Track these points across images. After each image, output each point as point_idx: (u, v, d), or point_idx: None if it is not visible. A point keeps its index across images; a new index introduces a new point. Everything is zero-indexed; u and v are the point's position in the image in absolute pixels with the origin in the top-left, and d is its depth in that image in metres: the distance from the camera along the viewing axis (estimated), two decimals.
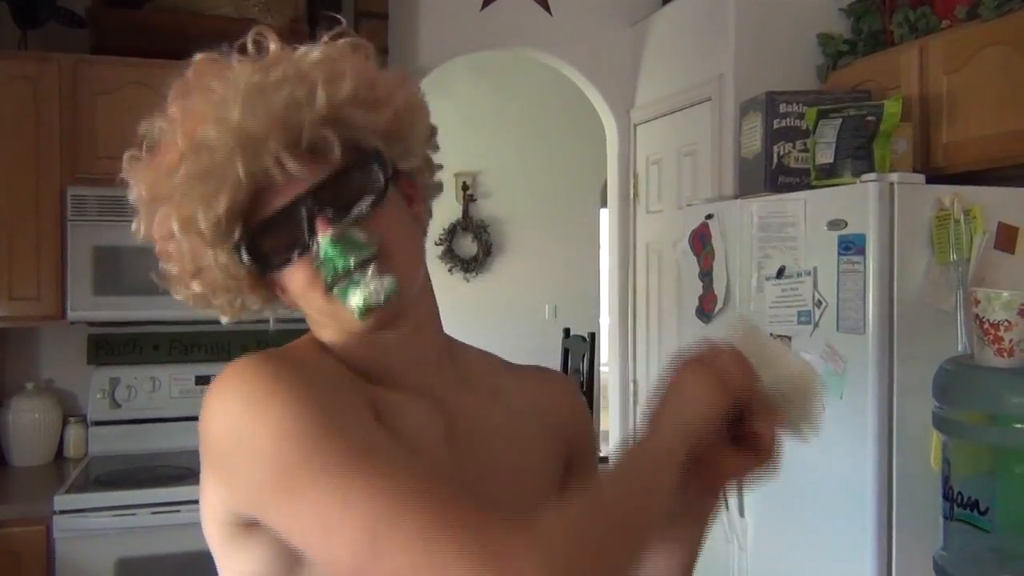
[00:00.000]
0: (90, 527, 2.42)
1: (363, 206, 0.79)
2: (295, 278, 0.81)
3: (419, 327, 0.87)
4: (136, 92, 2.71)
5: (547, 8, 3.46)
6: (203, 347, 3.09)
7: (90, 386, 2.93)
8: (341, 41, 0.82)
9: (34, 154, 2.64)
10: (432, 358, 0.89)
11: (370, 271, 0.78)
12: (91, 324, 2.90)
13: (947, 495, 1.75)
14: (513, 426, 0.92)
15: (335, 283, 0.79)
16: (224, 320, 0.88)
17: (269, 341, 3.11)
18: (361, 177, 0.80)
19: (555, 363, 6.00)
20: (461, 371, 0.93)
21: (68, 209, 2.63)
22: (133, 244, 2.94)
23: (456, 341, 0.96)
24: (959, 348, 2.04)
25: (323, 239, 0.77)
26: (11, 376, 2.93)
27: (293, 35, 2.93)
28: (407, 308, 0.83)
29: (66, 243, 2.64)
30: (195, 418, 2.80)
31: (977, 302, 1.72)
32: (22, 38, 2.81)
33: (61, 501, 2.42)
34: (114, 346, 3.00)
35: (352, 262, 0.78)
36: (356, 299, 0.78)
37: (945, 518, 1.76)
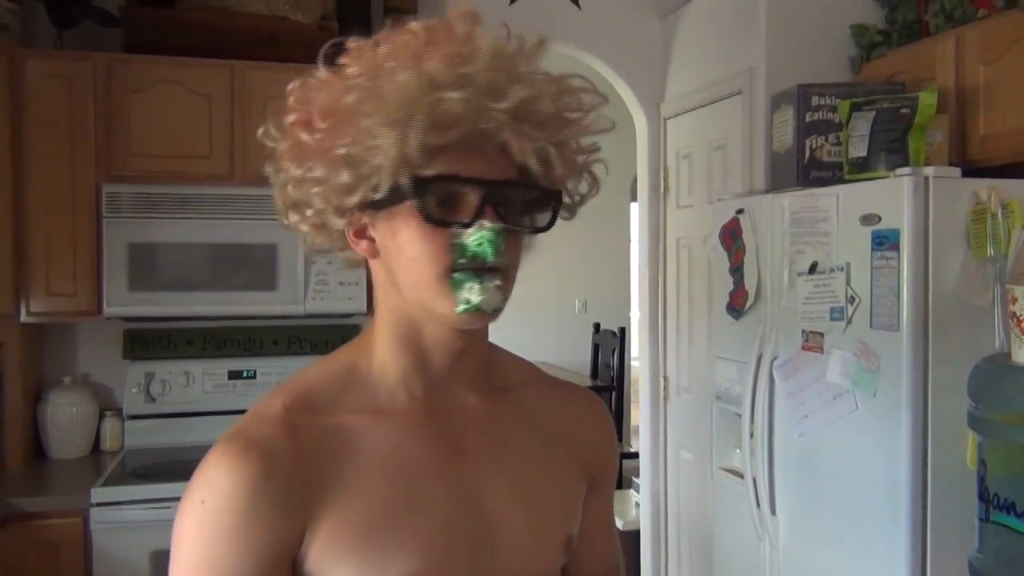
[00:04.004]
0: (126, 519, 2.46)
1: (531, 226, 0.84)
2: (413, 238, 0.80)
3: (474, 341, 0.89)
4: (169, 90, 2.75)
5: (576, 2, 3.44)
6: (235, 342, 3.13)
7: (126, 380, 2.98)
8: (585, 84, 0.87)
9: (70, 152, 2.68)
10: (469, 371, 0.91)
11: (495, 281, 0.81)
12: (126, 319, 2.95)
13: (983, 496, 1.72)
14: (537, 442, 0.93)
15: (460, 269, 0.80)
16: (295, 226, 0.89)
17: (300, 337, 3.15)
18: (542, 201, 0.85)
19: (585, 358, 6.00)
20: (495, 380, 0.95)
21: (103, 206, 2.68)
22: (167, 241, 2.99)
23: (495, 347, 0.97)
24: (996, 345, 2.00)
25: (485, 227, 0.79)
26: (49, 370, 2.98)
27: (323, 32, 2.95)
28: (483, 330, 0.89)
29: (102, 240, 2.69)
30: (229, 412, 2.85)
31: (1015, 300, 1.69)
32: (58, 37, 2.86)
33: (98, 493, 2.46)
34: (149, 341, 3.05)
35: (488, 263, 0.80)
36: (469, 294, 0.80)
37: (981, 520, 1.73)
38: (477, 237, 0.79)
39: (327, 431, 0.83)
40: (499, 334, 0.98)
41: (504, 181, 0.81)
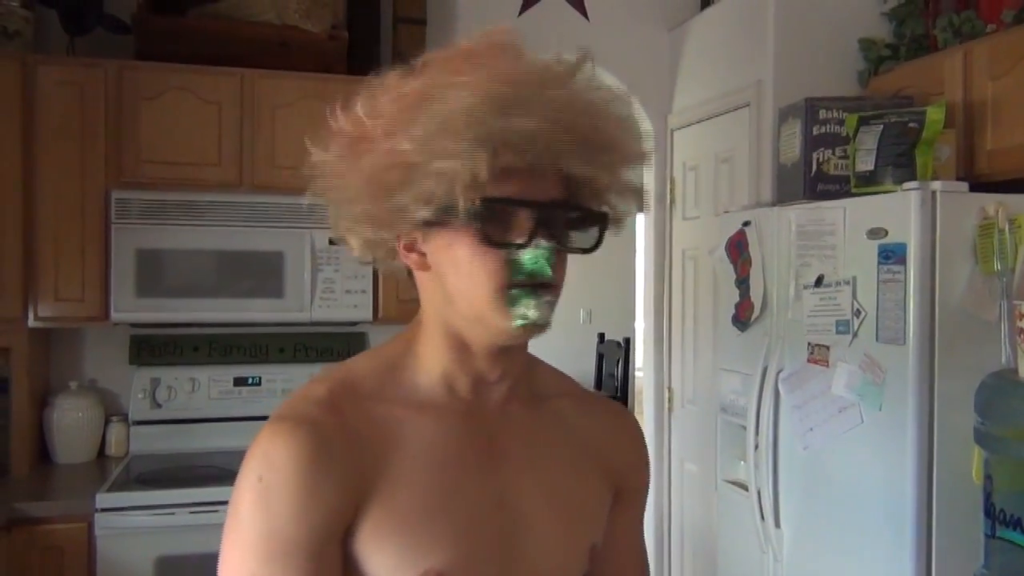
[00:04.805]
0: (131, 525, 2.46)
1: (581, 245, 0.86)
2: (469, 256, 0.82)
3: (514, 349, 0.91)
4: (179, 97, 2.77)
5: (584, 13, 3.45)
6: (241, 349, 3.13)
7: (132, 386, 2.99)
8: (628, 106, 0.88)
9: (80, 158, 2.70)
10: (511, 377, 0.92)
11: (547, 296, 0.83)
12: (133, 325, 2.96)
13: (989, 512, 1.72)
14: (570, 451, 0.96)
15: (515, 286, 0.82)
16: (355, 251, 0.91)
17: (306, 344, 3.16)
18: (589, 221, 0.86)
19: (589, 367, 5.98)
20: (535, 388, 0.97)
21: (112, 212, 2.69)
22: (175, 247, 3.01)
23: (534, 358, 1.00)
24: (1003, 360, 2.00)
25: (539, 245, 0.81)
26: (56, 375, 2.99)
27: (332, 42, 2.95)
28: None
29: (110, 246, 2.69)
30: (233, 419, 2.86)
31: (1022, 315, 1.69)
32: (70, 44, 2.88)
33: (103, 499, 2.47)
34: (155, 347, 3.05)
35: (540, 279, 0.82)
36: (526, 310, 0.82)
37: (986, 536, 1.73)
38: (533, 256, 0.81)
39: (372, 418, 0.86)
40: None
41: (556, 202, 0.83)
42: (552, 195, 0.82)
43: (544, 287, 0.83)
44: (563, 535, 0.92)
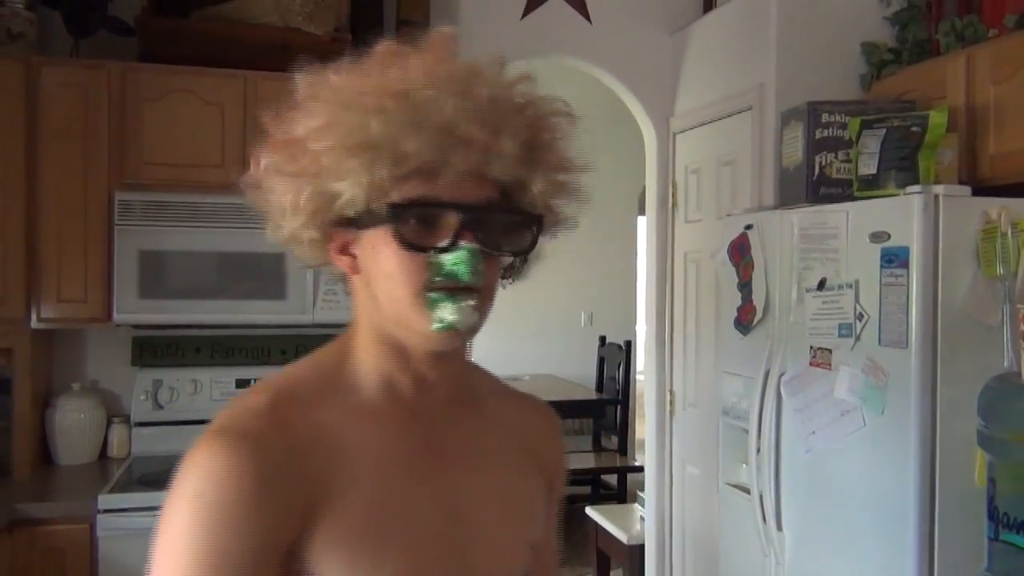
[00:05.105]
0: (132, 526, 2.46)
1: (509, 249, 0.85)
2: (391, 258, 0.82)
3: (453, 355, 0.91)
4: (182, 99, 2.77)
5: (587, 16, 3.46)
6: (243, 351, 3.14)
7: (134, 387, 2.99)
8: (562, 107, 0.88)
9: (83, 159, 2.70)
10: (450, 379, 0.92)
11: (470, 300, 0.81)
12: (135, 326, 2.96)
13: (992, 515, 1.72)
14: (509, 450, 0.97)
15: (435, 288, 0.81)
16: (273, 239, 0.92)
17: (308, 346, 3.13)
18: (519, 225, 0.85)
19: (590, 370, 5.99)
20: (474, 389, 0.98)
21: (115, 214, 2.69)
22: (178, 249, 3.00)
23: (469, 361, 1.00)
24: (1005, 364, 2.00)
25: (463, 246, 0.80)
26: (58, 376, 2.99)
27: (335, 44, 2.95)
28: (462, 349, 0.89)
29: (113, 247, 2.70)
30: None
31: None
32: (74, 46, 2.88)
33: (105, 500, 2.47)
34: (157, 348, 3.06)
35: (463, 282, 0.80)
36: (445, 313, 0.81)
37: (989, 539, 1.73)
38: (453, 258, 0.80)
39: (315, 427, 0.83)
40: (505, 346, 1.00)
41: (484, 206, 0.81)
42: (482, 197, 0.82)
43: (467, 291, 0.81)
44: (509, 535, 0.92)
